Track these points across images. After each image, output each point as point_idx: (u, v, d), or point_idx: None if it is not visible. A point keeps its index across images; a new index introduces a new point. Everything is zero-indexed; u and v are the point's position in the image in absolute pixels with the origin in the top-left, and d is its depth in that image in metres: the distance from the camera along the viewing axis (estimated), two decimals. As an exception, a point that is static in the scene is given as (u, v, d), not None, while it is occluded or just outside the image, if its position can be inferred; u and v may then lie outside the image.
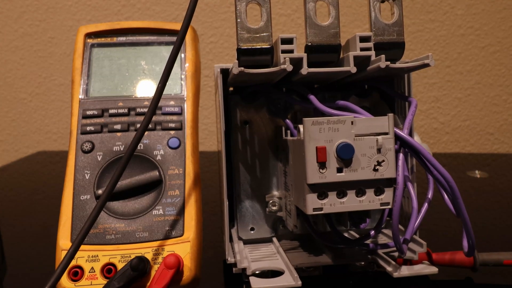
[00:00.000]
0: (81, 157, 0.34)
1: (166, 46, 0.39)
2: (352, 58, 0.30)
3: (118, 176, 0.27)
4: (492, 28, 0.89)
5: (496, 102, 0.92)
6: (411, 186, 0.30)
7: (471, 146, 0.93)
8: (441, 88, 0.91)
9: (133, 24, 0.39)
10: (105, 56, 0.38)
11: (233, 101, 0.37)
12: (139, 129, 0.28)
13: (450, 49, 0.90)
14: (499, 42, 0.90)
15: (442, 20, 0.89)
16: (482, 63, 0.90)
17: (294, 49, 0.30)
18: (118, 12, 0.90)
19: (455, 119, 0.92)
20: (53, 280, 0.24)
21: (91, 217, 0.26)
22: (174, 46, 0.29)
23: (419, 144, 0.28)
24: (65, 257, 0.25)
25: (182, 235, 0.31)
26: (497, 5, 0.88)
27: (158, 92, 0.29)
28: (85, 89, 0.37)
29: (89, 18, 0.90)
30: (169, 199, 0.33)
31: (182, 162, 0.34)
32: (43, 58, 0.92)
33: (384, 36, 0.31)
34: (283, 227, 0.37)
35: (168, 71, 0.29)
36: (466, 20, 0.89)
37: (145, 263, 0.29)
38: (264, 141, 0.37)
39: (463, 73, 0.91)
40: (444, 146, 0.93)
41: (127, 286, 0.28)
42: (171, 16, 0.89)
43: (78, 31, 0.39)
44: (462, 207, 0.28)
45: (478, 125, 0.92)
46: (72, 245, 0.26)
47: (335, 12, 0.30)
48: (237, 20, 0.30)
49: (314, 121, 0.26)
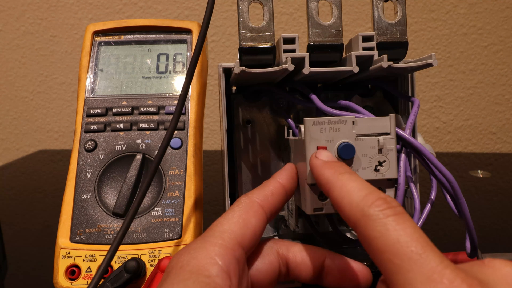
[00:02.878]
0: (84, 156, 0.34)
1: (173, 44, 0.39)
2: (355, 57, 0.30)
3: (142, 197, 0.27)
4: (495, 27, 0.89)
5: (499, 101, 0.91)
6: (413, 187, 0.30)
7: (473, 145, 0.93)
8: (443, 87, 0.91)
9: (141, 22, 0.39)
10: (111, 54, 0.38)
11: (236, 100, 0.37)
12: (164, 139, 0.28)
13: (452, 48, 0.90)
14: (502, 41, 0.89)
15: (444, 19, 0.89)
16: (485, 62, 0.90)
17: (296, 49, 0.30)
18: (119, 10, 0.89)
19: (458, 119, 0.92)
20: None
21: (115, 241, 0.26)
22: (197, 45, 0.29)
23: (421, 144, 0.28)
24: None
25: (180, 238, 0.31)
26: (499, 4, 0.88)
27: (183, 92, 0.28)
28: (90, 87, 0.37)
29: (91, 17, 0.90)
30: (169, 200, 0.33)
31: (183, 163, 0.34)
32: (44, 56, 0.92)
33: (387, 36, 0.31)
34: (285, 227, 0.37)
35: (191, 70, 0.29)
36: (468, 19, 0.89)
37: (139, 265, 0.28)
38: (266, 140, 0.37)
39: (466, 72, 0.90)
40: (446, 145, 0.93)
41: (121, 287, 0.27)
42: (172, 15, 0.89)
43: (86, 29, 0.39)
44: (465, 207, 0.28)
45: (481, 124, 0.92)
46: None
47: (337, 11, 0.30)
48: (239, 19, 0.30)
49: (315, 121, 0.26)
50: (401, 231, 0.18)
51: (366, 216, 0.20)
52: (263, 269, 0.25)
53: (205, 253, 0.21)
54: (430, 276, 0.17)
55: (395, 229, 0.18)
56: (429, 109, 0.91)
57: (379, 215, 0.19)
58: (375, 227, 0.19)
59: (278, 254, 0.25)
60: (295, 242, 0.26)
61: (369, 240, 0.19)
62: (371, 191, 0.21)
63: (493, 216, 0.49)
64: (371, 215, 0.19)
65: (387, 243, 0.18)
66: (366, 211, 0.20)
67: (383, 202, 0.20)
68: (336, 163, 0.24)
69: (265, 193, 0.25)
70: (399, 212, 0.19)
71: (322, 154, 0.25)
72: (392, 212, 0.19)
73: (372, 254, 0.19)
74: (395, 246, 0.18)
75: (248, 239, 0.23)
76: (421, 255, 0.17)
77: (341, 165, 0.24)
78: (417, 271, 0.17)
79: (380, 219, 0.19)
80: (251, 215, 0.24)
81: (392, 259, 0.18)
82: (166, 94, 0.37)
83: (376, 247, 0.19)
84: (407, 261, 0.17)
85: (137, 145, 0.35)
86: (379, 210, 0.19)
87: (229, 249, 0.22)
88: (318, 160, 0.25)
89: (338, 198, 0.22)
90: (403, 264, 0.17)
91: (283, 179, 0.27)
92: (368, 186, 0.21)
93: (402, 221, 0.19)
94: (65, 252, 0.31)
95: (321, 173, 0.24)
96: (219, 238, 0.22)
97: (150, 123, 0.35)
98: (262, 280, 0.24)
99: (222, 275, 0.20)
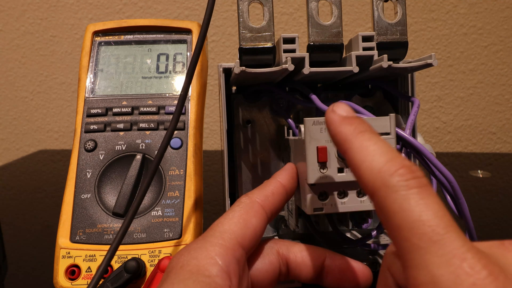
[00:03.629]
0: (84, 156, 0.34)
1: (173, 44, 0.39)
2: (355, 57, 0.30)
3: (142, 196, 0.27)
4: (495, 27, 0.89)
5: (499, 101, 0.91)
6: (413, 186, 0.30)
7: (473, 145, 0.93)
8: (443, 87, 0.91)
9: (141, 22, 0.39)
10: (111, 54, 0.38)
11: (236, 100, 0.37)
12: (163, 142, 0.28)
13: (452, 48, 0.90)
14: (502, 41, 0.89)
15: (444, 19, 0.89)
16: (485, 62, 0.90)
17: (296, 49, 0.30)
18: (119, 10, 0.90)
19: (458, 119, 0.92)
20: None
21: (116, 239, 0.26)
22: (197, 45, 0.29)
23: (421, 144, 0.28)
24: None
25: (180, 238, 0.31)
26: (500, 4, 0.88)
27: (183, 91, 0.28)
28: (90, 87, 0.37)
29: (91, 17, 0.90)
30: (169, 200, 0.33)
31: (183, 163, 0.34)
32: (44, 56, 0.92)
33: (387, 36, 0.31)
34: (285, 227, 0.37)
35: (191, 70, 0.29)
36: (468, 19, 0.89)
37: (139, 265, 0.28)
38: (266, 140, 0.37)
39: (466, 72, 0.90)
40: (446, 145, 0.93)
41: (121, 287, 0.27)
42: (172, 15, 0.89)
43: (86, 29, 0.39)
44: (465, 207, 0.28)
45: (481, 124, 0.92)
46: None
47: (337, 11, 0.30)
48: (239, 19, 0.30)
49: (315, 121, 0.26)
50: (424, 207, 0.16)
51: (386, 185, 0.17)
52: (263, 269, 0.24)
53: (205, 253, 0.21)
54: (449, 259, 0.15)
55: (418, 204, 0.16)
56: (429, 109, 0.91)
57: (402, 186, 0.17)
58: (396, 200, 0.17)
59: (278, 254, 0.25)
60: (295, 242, 0.26)
61: (388, 213, 0.17)
62: (395, 156, 0.18)
63: (493, 216, 0.49)
64: (393, 185, 0.17)
65: (407, 219, 0.16)
66: (387, 179, 0.17)
67: (407, 171, 0.17)
68: (356, 119, 0.21)
69: (265, 193, 0.25)
70: (424, 184, 0.17)
71: (340, 108, 0.22)
72: (416, 183, 0.17)
73: (388, 228, 0.17)
74: (415, 224, 0.16)
75: (249, 239, 0.23)
76: (443, 236, 0.16)
77: (362, 122, 0.21)
78: (435, 253, 0.15)
79: (402, 191, 0.17)
80: (252, 215, 0.24)
81: (410, 237, 0.16)
82: (166, 94, 0.37)
83: (394, 222, 0.17)
84: (427, 242, 0.16)
85: (137, 145, 0.35)
86: (402, 180, 0.17)
87: (229, 249, 0.22)
88: (336, 114, 0.22)
89: (356, 161, 0.19)
90: (421, 244, 0.16)
91: (283, 179, 0.27)
92: (391, 150, 0.19)
93: (426, 195, 0.17)
94: (65, 252, 0.31)
95: (339, 130, 0.21)
96: (219, 238, 0.22)
97: (150, 123, 0.35)
98: (262, 280, 0.24)
99: (222, 275, 0.20)
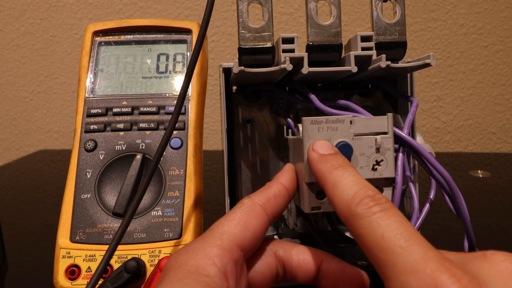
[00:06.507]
0: (84, 156, 0.34)
1: (173, 44, 0.39)
2: (353, 57, 0.30)
3: (141, 195, 0.27)
4: (495, 27, 0.89)
5: (499, 101, 0.92)
6: (412, 186, 0.30)
7: (473, 145, 0.93)
8: (443, 87, 0.91)
9: (141, 22, 0.39)
10: (111, 54, 0.38)
11: (236, 100, 0.37)
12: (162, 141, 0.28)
13: (452, 48, 0.90)
14: (502, 41, 0.89)
15: (444, 19, 0.89)
16: (485, 62, 0.90)
17: (295, 49, 0.30)
18: (119, 10, 0.90)
19: (457, 119, 0.92)
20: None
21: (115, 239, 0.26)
22: (196, 45, 0.29)
23: (418, 143, 0.28)
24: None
25: (180, 238, 0.31)
26: (499, 4, 0.88)
27: (182, 91, 0.28)
28: (90, 87, 0.37)
29: (91, 17, 0.90)
30: (169, 200, 0.33)
31: (183, 162, 0.34)
32: (44, 56, 0.92)
33: (386, 36, 0.31)
34: (284, 226, 0.37)
35: (191, 70, 0.29)
36: (468, 19, 0.89)
37: (139, 265, 0.28)
38: (266, 139, 0.37)
39: (466, 72, 0.90)
40: (446, 145, 0.93)
41: (121, 287, 0.27)
42: (172, 15, 0.89)
43: (86, 29, 0.39)
44: (463, 206, 0.28)
45: (481, 124, 0.92)
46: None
47: (336, 11, 0.30)
48: (238, 20, 0.30)
49: (312, 120, 0.26)
50: (385, 227, 0.19)
51: (354, 214, 0.20)
52: (260, 271, 0.25)
53: (203, 253, 0.21)
54: (413, 267, 0.17)
55: (380, 225, 0.19)
56: (429, 109, 0.91)
57: (366, 213, 0.20)
58: (363, 225, 0.19)
59: (276, 256, 0.25)
60: (294, 244, 0.26)
61: (359, 238, 0.20)
62: (361, 187, 0.21)
63: (493, 216, 0.49)
64: (358, 213, 0.20)
65: (373, 239, 0.19)
66: (353, 209, 0.20)
67: (370, 200, 0.20)
68: (332, 156, 0.24)
69: (267, 195, 0.26)
70: (386, 208, 0.20)
71: (319, 146, 0.25)
72: (378, 208, 0.20)
73: (364, 251, 0.20)
74: (380, 242, 0.18)
75: (248, 241, 0.23)
76: (404, 249, 0.18)
77: (336, 158, 0.24)
78: (401, 264, 0.17)
79: (366, 217, 0.19)
80: (253, 217, 0.24)
81: (378, 254, 0.18)
82: (166, 94, 0.37)
83: (365, 244, 0.19)
84: (391, 255, 0.18)
85: (137, 145, 0.35)
86: (365, 208, 0.20)
87: (227, 251, 0.22)
88: (314, 153, 0.25)
89: (330, 196, 0.22)
90: (388, 258, 0.18)
91: (285, 181, 0.27)
92: (359, 182, 0.22)
93: (388, 216, 0.19)
94: (65, 252, 0.31)
95: (317, 168, 0.24)
96: (218, 239, 0.22)
97: (150, 123, 0.35)
98: (260, 281, 0.25)
99: (219, 275, 0.20)
